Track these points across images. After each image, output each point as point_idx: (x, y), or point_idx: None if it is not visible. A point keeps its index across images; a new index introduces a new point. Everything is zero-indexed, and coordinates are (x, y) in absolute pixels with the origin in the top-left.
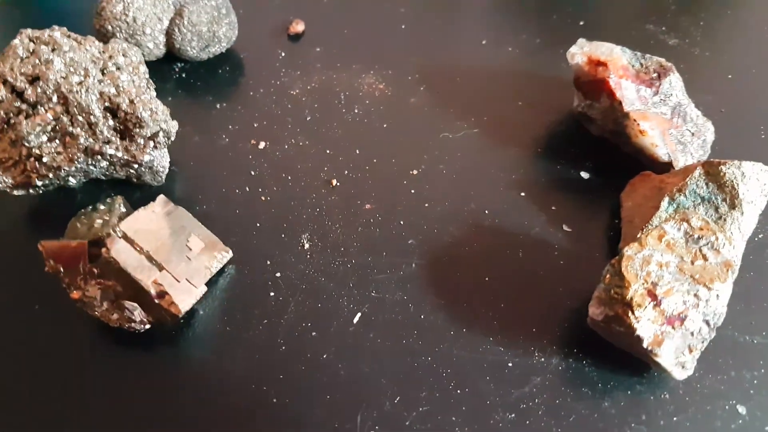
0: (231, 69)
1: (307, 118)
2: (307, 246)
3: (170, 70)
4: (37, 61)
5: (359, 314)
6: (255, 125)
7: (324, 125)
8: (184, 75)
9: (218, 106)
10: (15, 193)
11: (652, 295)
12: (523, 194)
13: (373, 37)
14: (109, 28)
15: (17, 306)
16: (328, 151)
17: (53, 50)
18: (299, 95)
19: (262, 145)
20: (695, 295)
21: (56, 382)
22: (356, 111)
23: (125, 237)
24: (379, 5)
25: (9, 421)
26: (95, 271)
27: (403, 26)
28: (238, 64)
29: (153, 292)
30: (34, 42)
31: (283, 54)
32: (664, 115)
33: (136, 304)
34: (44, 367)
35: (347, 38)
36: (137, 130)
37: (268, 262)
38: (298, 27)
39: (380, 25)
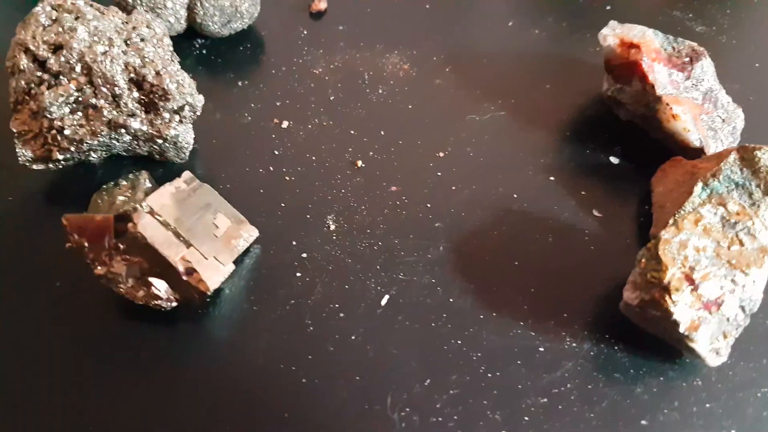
0: (252, 46)
1: (331, 98)
2: (332, 227)
3: (190, 46)
4: (60, 29)
5: (387, 296)
6: (278, 104)
7: (348, 105)
8: (204, 51)
9: (240, 83)
10: (35, 167)
11: (690, 279)
12: (552, 178)
13: (397, 17)
14: (130, 0)
15: (37, 283)
16: (352, 132)
17: (77, 18)
18: (322, 74)
19: (285, 124)
20: (732, 280)
21: (79, 360)
22: (380, 91)
23: (152, 212)
24: None
25: (31, 400)
26: (121, 246)
27: (427, 6)
28: (259, 41)
29: (181, 268)
30: (56, 10)
31: (305, 32)
32: (696, 101)
33: (163, 281)
34: (67, 346)
35: (371, 17)
36: (163, 103)
37: (294, 243)
38: (321, 5)
39: (405, 4)
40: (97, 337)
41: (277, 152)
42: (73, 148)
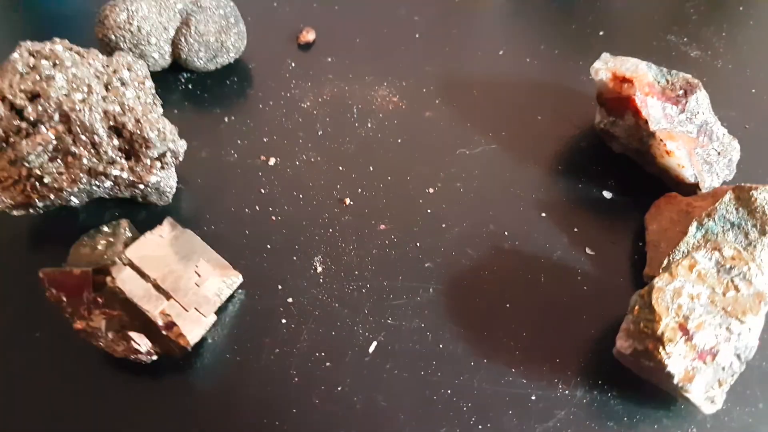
0: (239, 80)
1: (319, 133)
2: (320, 269)
3: (176, 81)
4: (38, 77)
5: (375, 343)
6: (265, 140)
7: (336, 140)
8: (190, 86)
9: (226, 119)
10: (15, 213)
11: (684, 329)
12: (543, 215)
13: (386, 47)
14: (113, 37)
15: (17, 332)
16: (340, 168)
17: (54, 65)
18: (310, 108)
19: (272, 161)
20: (727, 328)
21: (58, 413)
22: (369, 125)
23: (131, 264)
24: (393, 13)
25: None
26: (99, 300)
27: (417, 35)
28: (246, 74)
29: (160, 323)
30: (34, 56)
31: (293, 64)
32: (690, 134)
33: (142, 335)
34: (45, 398)
35: (360, 48)
36: (144, 150)
37: (280, 287)
38: (309, 36)
39: (394, 35)
40: (78, 390)
41: (263, 191)
42: (52, 195)
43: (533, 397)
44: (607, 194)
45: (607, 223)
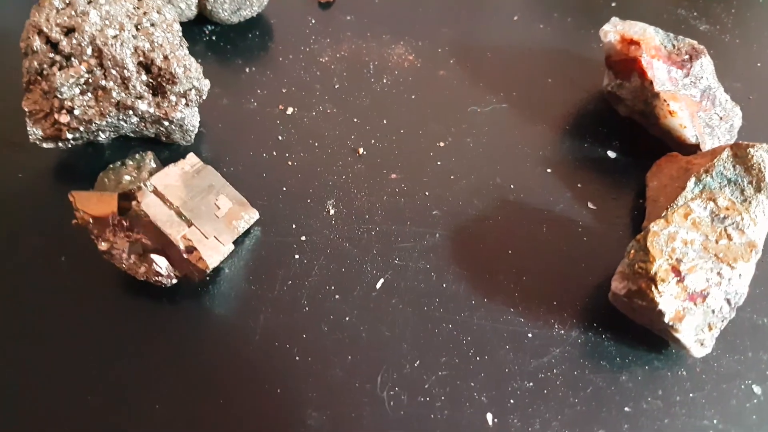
0: (261, 34)
1: (336, 86)
2: (332, 212)
3: (200, 33)
4: (73, 12)
5: (382, 280)
6: (283, 91)
7: (352, 94)
8: (214, 38)
9: (247, 70)
10: (44, 145)
11: (676, 271)
12: (549, 171)
13: (404, 8)
14: None
15: (43, 257)
16: (355, 120)
17: (89, 2)
18: (328, 63)
19: (290, 110)
20: (718, 273)
21: (80, 334)
22: (385, 81)
23: (155, 191)
24: None
25: (32, 373)
26: (124, 223)
27: None
28: (268, 29)
29: (182, 246)
30: None
31: (313, 21)
32: (694, 98)
33: (163, 258)
34: (68, 319)
35: (378, 8)
36: (170, 86)
37: (294, 226)
38: None
39: None
40: (99, 311)
41: (281, 138)
42: (82, 128)
43: (529, 335)
44: (611, 154)
45: (610, 181)
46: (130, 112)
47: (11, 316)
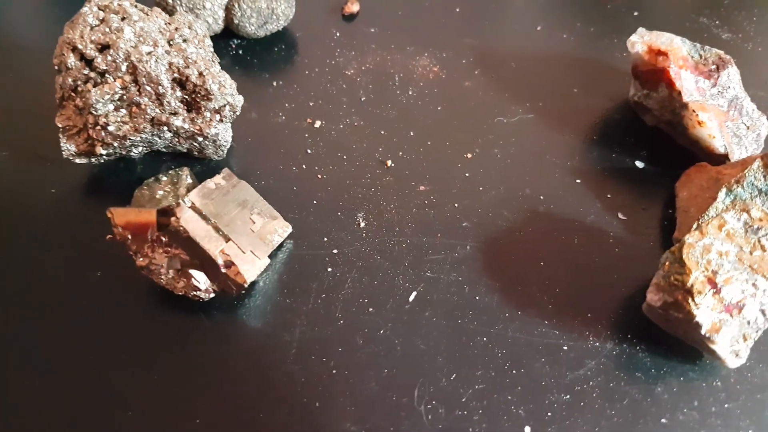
0: (287, 47)
1: (362, 99)
2: (363, 224)
3: (227, 47)
4: (108, 29)
5: (415, 293)
6: (311, 104)
7: (378, 106)
8: (240, 51)
9: (274, 83)
10: (77, 161)
11: (712, 282)
12: (578, 181)
13: (427, 20)
14: (170, 0)
15: (79, 271)
16: (382, 132)
17: (123, 19)
18: (354, 75)
19: (317, 124)
20: (753, 284)
21: (117, 348)
22: (410, 93)
23: (193, 207)
24: None
25: (71, 386)
26: (163, 239)
27: (457, 9)
28: (293, 42)
29: (220, 261)
30: (103, 10)
31: (337, 34)
32: (721, 108)
33: (202, 273)
34: (105, 333)
35: (402, 20)
36: (205, 102)
37: (325, 239)
38: (353, 7)
39: (435, 8)
40: (136, 325)
41: (309, 151)
42: (116, 144)
43: (565, 347)
44: (639, 164)
45: (639, 191)
46: (165, 127)
47: (49, 330)
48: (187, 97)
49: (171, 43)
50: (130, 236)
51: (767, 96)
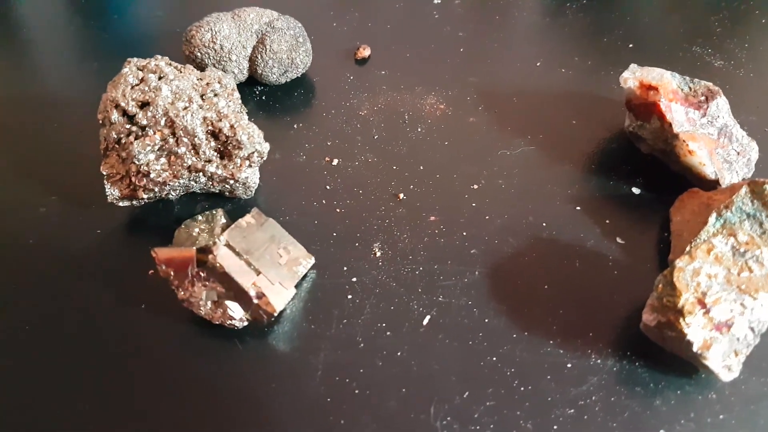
0: (305, 92)
1: (375, 137)
2: (378, 254)
3: (251, 93)
4: (146, 88)
5: (428, 317)
6: (328, 143)
7: (390, 143)
8: (263, 97)
9: (295, 126)
10: (121, 204)
11: (702, 303)
12: (578, 208)
13: (434, 61)
14: (198, 54)
15: (124, 305)
16: (394, 167)
17: (160, 78)
18: (367, 115)
19: (335, 161)
20: (741, 304)
21: (161, 374)
22: (419, 130)
23: (227, 245)
24: (439, 30)
25: (112, 406)
26: (202, 274)
27: (461, 50)
28: (311, 87)
29: (252, 293)
30: (141, 70)
31: (351, 77)
32: (711, 136)
33: (236, 304)
34: (149, 361)
35: (410, 62)
36: (236, 151)
37: (345, 268)
38: (365, 52)
39: (440, 50)
40: (177, 352)
41: (328, 187)
42: (156, 189)
43: (569, 365)
44: (635, 190)
45: (636, 216)
46: (200, 174)
47: (99, 363)
48: (220, 146)
49: (204, 97)
50: (172, 273)
51: (758, 120)
